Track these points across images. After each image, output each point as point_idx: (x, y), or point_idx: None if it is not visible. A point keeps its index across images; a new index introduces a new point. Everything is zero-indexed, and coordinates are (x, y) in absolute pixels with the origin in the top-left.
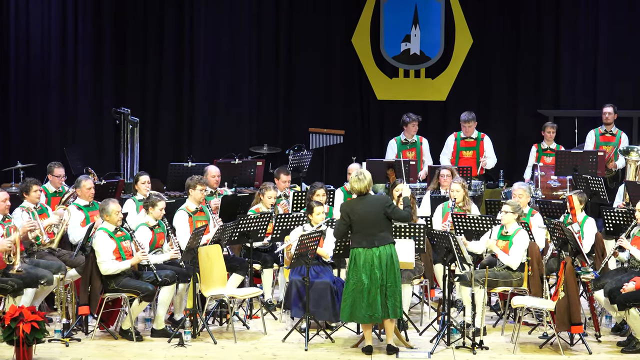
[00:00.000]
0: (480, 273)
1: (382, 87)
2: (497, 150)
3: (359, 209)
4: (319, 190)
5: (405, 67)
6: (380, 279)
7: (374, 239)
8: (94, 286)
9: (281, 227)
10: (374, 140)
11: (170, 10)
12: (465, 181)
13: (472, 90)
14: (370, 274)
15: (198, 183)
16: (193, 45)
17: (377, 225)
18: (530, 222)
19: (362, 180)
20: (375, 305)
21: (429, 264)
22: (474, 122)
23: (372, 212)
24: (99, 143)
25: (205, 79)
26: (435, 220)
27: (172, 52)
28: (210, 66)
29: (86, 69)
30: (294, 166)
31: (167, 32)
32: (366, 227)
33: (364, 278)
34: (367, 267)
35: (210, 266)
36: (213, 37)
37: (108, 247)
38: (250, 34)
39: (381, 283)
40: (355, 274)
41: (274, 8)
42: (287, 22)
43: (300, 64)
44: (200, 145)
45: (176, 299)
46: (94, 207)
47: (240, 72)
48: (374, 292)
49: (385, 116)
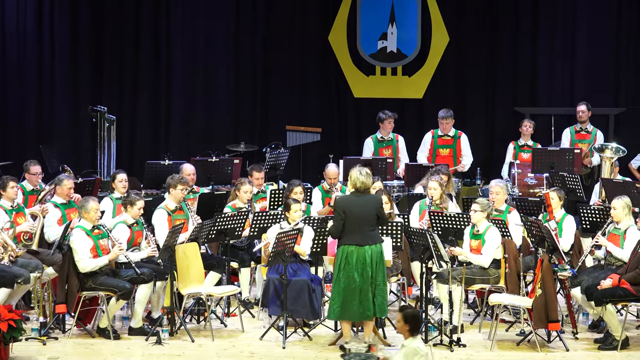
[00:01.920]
0: (458, 270)
1: (359, 84)
2: (474, 148)
3: (355, 206)
4: (297, 188)
5: (382, 65)
6: (371, 277)
7: (367, 237)
8: (71, 284)
9: (258, 225)
10: (351, 138)
11: (147, 7)
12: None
13: (449, 87)
14: (362, 272)
15: (179, 182)
16: (170, 43)
17: (370, 224)
18: (507, 220)
19: (369, 177)
20: (367, 303)
21: (406, 262)
22: (452, 119)
23: (366, 210)
24: (76, 141)
25: (182, 77)
26: (413, 218)
27: (148, 49)
28: (187, 64)
29: (62, 66)
30: (271, 164)
31: (144, 29)
32: (361, 225)
33: (356, 276)
34: (359, 265)
35: (188, 264)
36: (189, 34)
37: (85, 245)
38: (227, 31)
39: (371, 282)
40: (346, 272)
41: (250, 4)
42: (263, 19)
43: (277, 62)
44: (177, 144)
45: (154, 297)
46: (71, 204)
47: (217, 70)
48: (365, 290)
49: (362, 114)
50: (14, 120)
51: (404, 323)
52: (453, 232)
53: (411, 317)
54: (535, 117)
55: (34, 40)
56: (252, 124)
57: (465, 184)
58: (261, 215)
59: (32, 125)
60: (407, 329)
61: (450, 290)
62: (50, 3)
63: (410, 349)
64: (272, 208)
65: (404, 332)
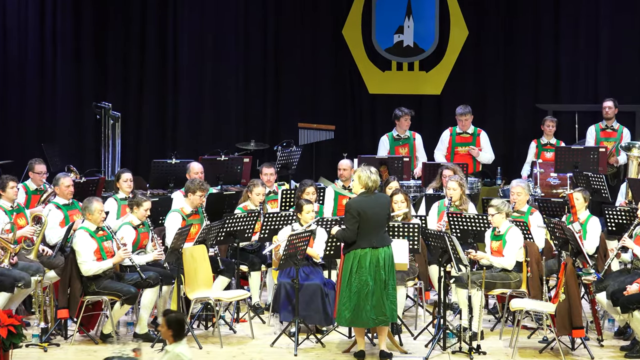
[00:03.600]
0: (477, 274)
1: (374, 80)
2: (494, 146)
3: (369, 208)
4: (309, 188)
5: (398, 60)
6: (384, 280)
7: (382, 239)
8: (73, 288)
9: (269, 227)
10: (365, 136)
11: (154, 1)
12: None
13: (468, 83)
14: (375, 275)
15: (199, 188)
16: (177, 38)
17: (383, 224)
18: (529, 221)
19: (377, 174)
20: (381, 308)
21: (424, 265)
22: (470, 116)
23: (380, 211)
24: (79, 139)
25: (190, 73)
26: (430, 220)
27: (155, 44)
28: (195, 60)
29: (65, 62)
30: (282, 163)
31: (149, 25)
32: (375, 227)
33: (369, 280)
34: (373, 268)
35: (195, 267)
36: (198, 29)
37: (89, 247)
38: (236, 25)
39: (384, 285)
40: (359, 276)
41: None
42: (275, 13)
43: (288, 57)
44: (185, 142)
45: (159, 302)
46: (74, 206)
47: (227, 66)
48: (378, 294)
49: (377, 111)
50: (15, 117)
51: (167, 328)
52: (472, 234)
53: (175, 321)
54: (558, 114)
55: (35, 36)
56: (263, 122)
57: (485, 184)
58: (272, 217)
59: (33, 123)
60: (170, 334)
61: (470, 295)
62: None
63: (173, 354)
64: (283, 209)
65: (167, 337)
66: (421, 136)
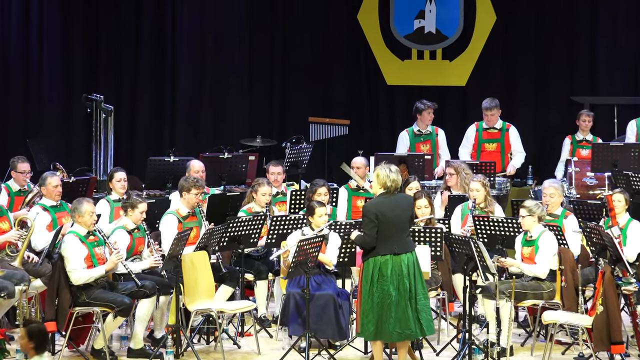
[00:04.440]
0: (506, 284)
1: (393, 70)
2: (524, 143)
3: (389, 210)
4: (321, 189)
5: (418, 48)
6: (409, 289)
7: (405, 244)
8: (61, 299)
9: (277, 231)
10: (383, 132)
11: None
12: (488, 178)
13: (496, 73)
14: (398, 285)
15: (194, 186)
16: (176, 24)
17: (405, 228)
18: (564, 226)
19: (398, 173)
20: (406, 321)
21: (447, 274)
22: (498, 110)
23: (401, 213)
24: (68, 134)
25: (189, 62)
26: (454, 224)
27: (151, 31)
28: (195, 48)
29: (52, 49)
30: (291, 161)
31: (146, 7)
32: (396, 231)
33: (391, 289)
34: (395, 277)
35: (196, 276)
36: (198, 14)
37: (79, 253)
38: (240, 10)
39: (410, 295)
40: (381, 285)
41: None
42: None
43: (298, 44)
44: (184, 137)
45: (156, 314)
46: (62, 208)
47: (229, 55)
48: (403, 305)
49: (396, 104)
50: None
51: (28, 340)
52: (501, 239)
53: (36, 332)
54: (595, 107)
55: (19, 21)
56: (270, 116)
57: (515, 184)
58: (280, 220)
59: (17, 117)
60: (31, 347)
61: (498, 307)
62: None
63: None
64: (292, 211)
65: (28, 349)
66: (444, 132)
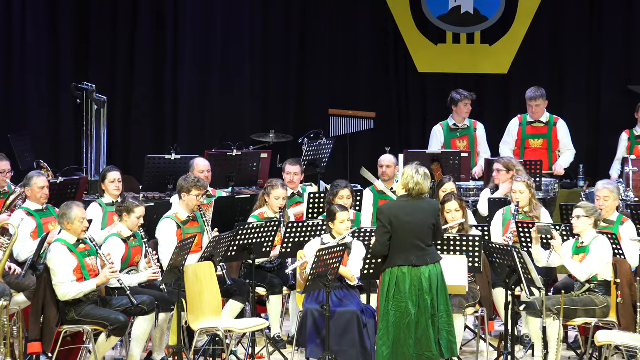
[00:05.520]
0: (554, 300)
1: (425, 56)
2: (575, 139)
3: (406, 215)
4: (343, 191)
5: (454, 30)
6: (430, 306)
7: (425, 255)
8: (47, 316)
9: (293, 239)
10: (413, 126)
11: None
12: (533, 179)
13: (542, 60)
14: (418, 301)
15: (194, 186)
16: (178, 2)
17: (426, 238)
18: (620, 233)
19: (427, 179)
20: (427, 342)
21: (487, 288)
22: (544, 101)
23: (423, 220)
24: (55, 128)
25: (193, 46)
26: (495, 231)
27: (150, 10)
28: (199, 31)
29: (38, 34)
30: (309, 159)
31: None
32: (415, 239)
33: (410, 307)
34: (414, 292)
35: (200, 290)
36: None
37: (67, 264)
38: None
39: (432, 312)
40: (397, 301)
41: None
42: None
43: (317, 27)
44: (187, 132)
45: (155, 333)
46: (49, 212)
47: (239, 39)
48: (424, 324)
49: (428, 94)
50: None
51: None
52: (547, 248)
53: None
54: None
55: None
56: (285, 108)
57: (564, 186)
58: (296, 227)
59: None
60: None
61: (545, 326)
62: None
63: None
64: (310, 217)
65: None
66: (484, 126)
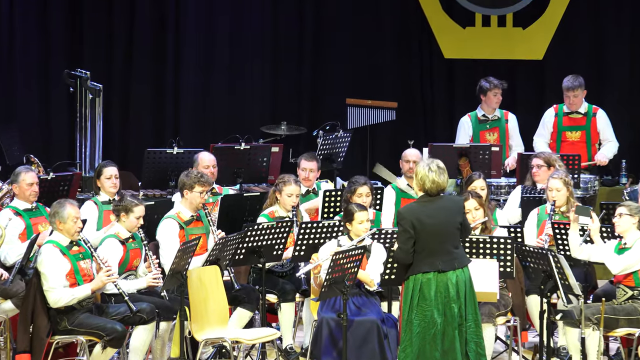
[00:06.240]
0: (594, 308)
1: (451, 40)
2: (617, 132)
3: (429, 217)
4: (361, 188)
5: (484, 12)
6: (458, 315)
7: (452, 259)
8: (37, 325)
9: (307, 241)
10: (439, 117)
11: None
12: (571, 175)
13: (581, 45)
14: (444, 310)
15: (197, 182)
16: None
17: (453, 239)
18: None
19: (442, 173)
20: (454, 353)
21: (520, 295)
22: (582, 90)
23: (448, 221)
24: (45, 119)
25: (197, 29)
26: (529, 232)
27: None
28: (204, 13)
29: (27, 17)
30: (324, 153)
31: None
32: (440, 243)
33: (436, 316)
34: (440, 299)
35: (205, 297)
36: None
37: (60, 268)
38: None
39: (459, 322)
40: (421, 310)
41: None
42: None
43: (333, 10)
44: (191, 124)
45: (156, 344)
46: (39, 212)
47: (249, 19)
48: (450, 334)
49: (455, 82)
50: None
51: None
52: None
53: None
54: None
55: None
56: (298, 97)
57: (605, 183)
58: (310, 227)
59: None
60: None
61: (583, 337)
62: None
63: None
64: (325, 217)
65: None
66: (516, 117)
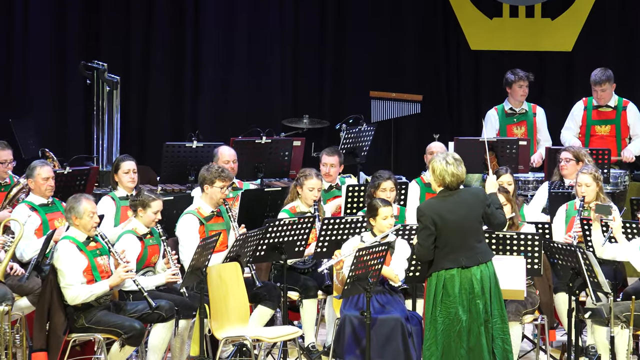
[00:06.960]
0: (623, 306)
1: (478, 31)
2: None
3: (450, 212)
4: (385, 183)
5: (511, 2)
6: (483, 311)
7: (475, 254)
8: (54, 323)
9: (329, 237)
10: (465, 110)
11: None
12: (600, 170)
13: (611, 36)
14: (469, 306)
15: (218, 177)
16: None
17: (476, 234)
18: None
19: (459, 164)
20: (480, 351)
21: (547, 293)
22: (611, 84)
23: (469, 215)
24: (61, 113)
25: (216, 21)
26: (557, 228)
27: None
28: (223, 10)
29: (43, 9)
30: (347, 147)
31: None
32: (463, 238)
33: (460, 313)
34: (465, 296)
35: (225, 294)
36: None
37: (77, 264)
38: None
39: (485, 318)
40: (445, 306)
41: None
42: None
43: (357, 1)
44: (210, 118)
45: (175, 343)
46: (55, 207)
47: (269, 13)
48: (476, 332)
49: (482, 74)
50: None
51: None
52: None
53: None
54: None
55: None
56: (320, 90)
57: (635, 178)
58: (333, 223)
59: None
60: None
61: (613, 335)
62: None
63: None
64: (348, 212)
65: None
66: (544, 110)
